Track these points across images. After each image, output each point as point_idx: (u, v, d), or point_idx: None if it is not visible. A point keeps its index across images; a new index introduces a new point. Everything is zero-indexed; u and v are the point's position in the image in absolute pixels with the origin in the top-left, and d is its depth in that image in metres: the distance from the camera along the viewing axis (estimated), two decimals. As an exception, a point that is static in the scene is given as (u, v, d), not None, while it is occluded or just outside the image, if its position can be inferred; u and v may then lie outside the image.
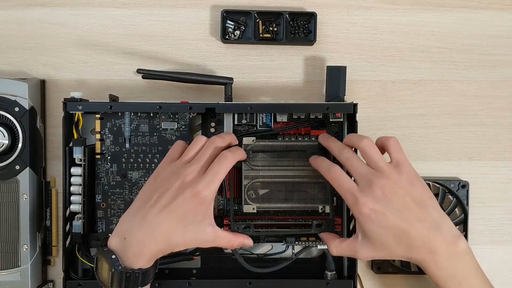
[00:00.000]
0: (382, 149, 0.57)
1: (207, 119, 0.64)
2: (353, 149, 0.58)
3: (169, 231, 0.53)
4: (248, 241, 0.58)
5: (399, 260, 0.67)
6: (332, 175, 0.56)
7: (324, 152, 0.61)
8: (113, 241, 0.54)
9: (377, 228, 0.53)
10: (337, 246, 0.58)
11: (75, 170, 0.61)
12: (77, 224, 0.61)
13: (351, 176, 0.56)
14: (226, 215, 0.62)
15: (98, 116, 0.63)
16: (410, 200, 0.54)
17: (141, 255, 0.53)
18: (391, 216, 0.53)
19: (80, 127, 0.63)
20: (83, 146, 0.61)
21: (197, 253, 0.63)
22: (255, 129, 0.63)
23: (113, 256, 0.53)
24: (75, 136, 0.62)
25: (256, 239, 0.64)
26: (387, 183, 0.53)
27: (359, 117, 0.61)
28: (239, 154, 0.58)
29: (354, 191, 0.54)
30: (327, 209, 0.62)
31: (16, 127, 0.63)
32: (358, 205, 0.53)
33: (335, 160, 0.59)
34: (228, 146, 0.58)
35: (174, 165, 0.55)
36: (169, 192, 0.53)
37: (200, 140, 0.57)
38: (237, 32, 0.67)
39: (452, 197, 0.67)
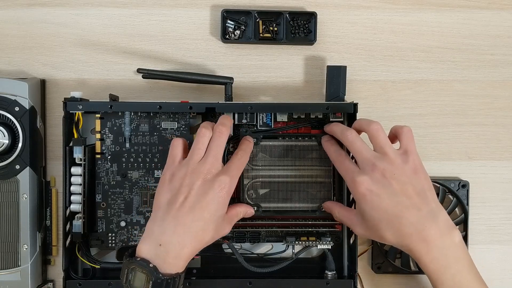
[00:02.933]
0: (395, 138, 0.57)
1: (207, 118, 0.64)
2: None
3: (203, 229, 0.53)
4: (250, 210, 0.60)
5: (399, 259, 0.67)
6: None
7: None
8: (146, 249, 0.52)
9: (371, 209, 0.53)
10: (339, 212, 0.59)
11: (75, 170, 0.61)
12: (77, 223, 0.61)
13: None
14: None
15: (98, 115, 0.63)
16: (410, 188, 0.53)
17: (179, 258, 0.52)
18: (386, 199, 0.53)
19: (80, 126, 0.63)
20: (83, 146, 0.61)
21: (197, 253, 0.63)
22: (255, 128, 0.63)
23: (151, 265, 0.51)
24: (75, 136, 0.62)
25: (257, 239, 0.64)
26: (389, 167, 0.53)
27: (359, 116, 0.61)
28: (251, 147, 0.60)
29: (354, 171, 0.55)
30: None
31: (16, 126, 0.63)
32: (355, 184, 0.54)
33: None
34: None
35: (188, 165, 0.55)
36: (194, 191, 0.53)
37: (204, 134, 0.56)
38: (237, 31, 0.67)
39: (452, 197, 0.67)
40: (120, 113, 0.63)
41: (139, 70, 0.64)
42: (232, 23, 0.67)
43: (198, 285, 0.62)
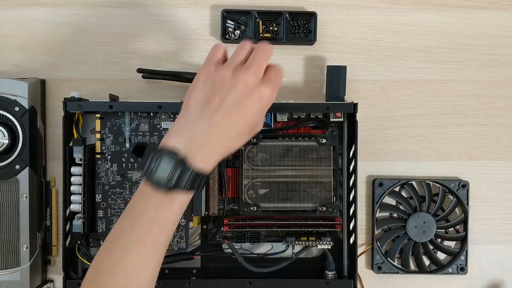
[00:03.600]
0: None
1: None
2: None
3: (236, 136, 0.51)
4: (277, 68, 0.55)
5: (399, 259, 0.67)
6: None
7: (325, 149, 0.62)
8: (176, 142, 0.49)
9: None
10: None
11: (75, 170, 0.61)
12: (77, 223, 0.61)
13: None
14: (226, 215, 0.62)
15: (98, 115, 0.63)
16: None
17: (210, 158, 0.50)
18: None
19: (80, 126, 0.63)
20: (83, 146, 0.61)
21: (197, 253, 0.63)
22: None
23: (180, 156, 0.48)
24: (75, 136, 0.62)
25: (257, 239, 0.64)
26: None
27: (359, 116, 0.61)
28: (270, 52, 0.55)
29: None
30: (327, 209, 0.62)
31: (16, 126, 0.63)
32: None
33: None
34: None
35: (229, 67, 0.51)
36: (232, 94, 0.50)
37: (246, 46, 0.53)
38: (237, 31, 0.67)
39: (452, 197, 0.67)
40: (120, 113, 0.63)
41: (139, 70, 0.64)
42: (232, 23, 0.67)
43: (198, 285, 0.62)
